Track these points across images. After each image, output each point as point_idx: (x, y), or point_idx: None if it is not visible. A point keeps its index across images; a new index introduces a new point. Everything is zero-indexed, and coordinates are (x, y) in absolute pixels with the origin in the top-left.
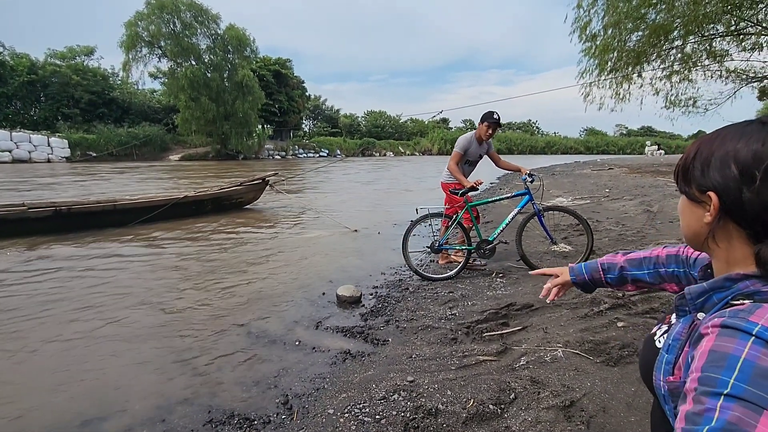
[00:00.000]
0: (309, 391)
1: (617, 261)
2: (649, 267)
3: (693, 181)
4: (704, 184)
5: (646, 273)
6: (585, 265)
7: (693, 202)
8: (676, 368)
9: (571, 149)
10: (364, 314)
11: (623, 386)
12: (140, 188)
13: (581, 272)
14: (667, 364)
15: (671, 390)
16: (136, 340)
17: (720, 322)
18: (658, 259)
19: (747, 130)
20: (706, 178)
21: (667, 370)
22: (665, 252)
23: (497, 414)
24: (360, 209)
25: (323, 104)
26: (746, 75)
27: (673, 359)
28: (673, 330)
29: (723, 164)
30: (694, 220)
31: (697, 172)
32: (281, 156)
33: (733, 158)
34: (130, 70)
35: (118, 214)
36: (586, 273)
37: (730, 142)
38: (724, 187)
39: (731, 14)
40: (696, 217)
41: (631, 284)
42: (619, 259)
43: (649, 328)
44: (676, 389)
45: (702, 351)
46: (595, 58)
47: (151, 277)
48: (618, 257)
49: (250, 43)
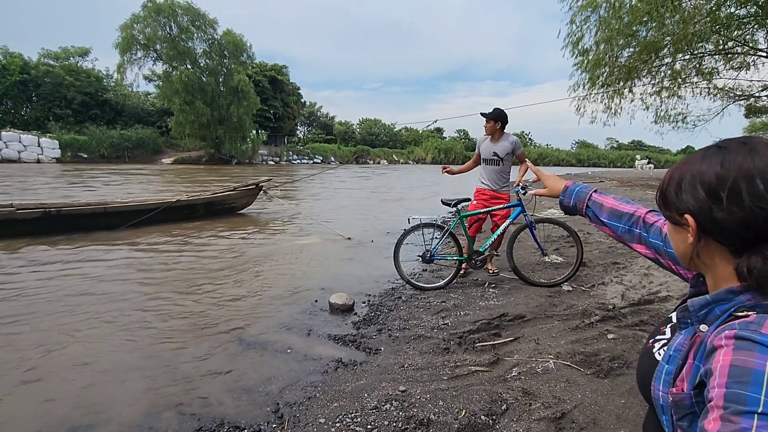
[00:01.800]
0: (300, 399)
1: (604, 204)
2: (628, 223)
3: (671, 205)
4: (680, 207)
5: (620, 226)
6: (578, 191)
7: (675, 226)
8: (678, 379)
9: (563, 161)
10: (356, 322)
11: (613, 398)
12: (132, 191)
13: (571, 196)
14: (668, 374)
15: (675, 402)
16: (124, 347)
17: (734, 334)
18: (638, 220)
19: (707, 154)
20: (681, 202)
21: (668, 380)
22: (648, 217)
23: (489, 425)
24: (353, 217)
25: (318, 111)
26: (734, 93)
27: (674, 370)
28: (674, 341)
29: (692, 187)
30: (679, 241)
31: (672, 196)
32: (275, 161)
33: (699, 181)
34: (125, 72)
35: (109, 217)
36: (574, 199)
37: (695, 165)
38: (698, 209)
39: (719, 34)
40: (681, 238)
41: (607, 228)
42: (607, 205)
43: (638, 340)
44: (681, 401)
45: (722, 365)
46: (587, 73)
47: (140, 283)
48: (608, 201)
49: (247, 48)
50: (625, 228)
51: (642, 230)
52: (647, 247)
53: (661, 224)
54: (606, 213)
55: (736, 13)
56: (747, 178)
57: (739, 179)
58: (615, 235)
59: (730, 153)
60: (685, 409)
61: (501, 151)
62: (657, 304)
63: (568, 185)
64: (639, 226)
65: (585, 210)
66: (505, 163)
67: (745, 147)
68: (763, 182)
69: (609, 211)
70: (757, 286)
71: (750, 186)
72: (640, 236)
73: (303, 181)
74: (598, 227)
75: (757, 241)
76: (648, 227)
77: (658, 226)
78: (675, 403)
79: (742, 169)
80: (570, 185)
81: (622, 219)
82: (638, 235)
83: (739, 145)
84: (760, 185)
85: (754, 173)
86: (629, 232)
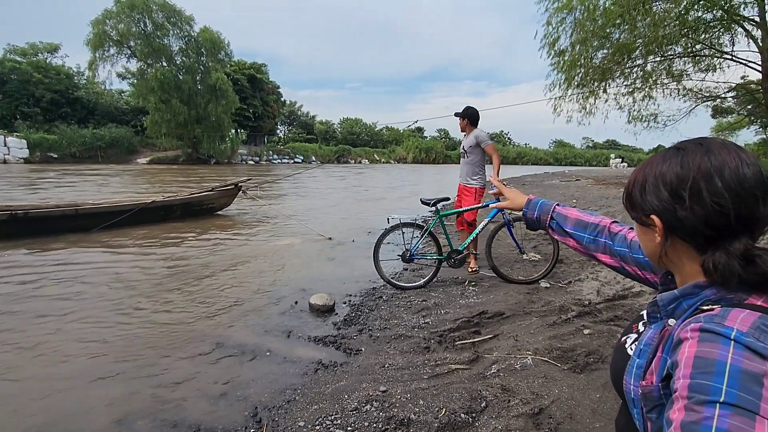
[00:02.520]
0: (279, 403)
1: (569, 216)
2: (593, 233)
3: (637, 206)
4: (646, 208)
5: (585, 236)
6: (542, 204)
7: (643, 226)
8: (648, 373)
9: (541, 160)
10: (336, 323)
11: (589, 393)
12: (105, 192)
13: (534, 209)
14: (639, 368)
15: (644, 394)
16: (97, 352)
17: (699, 327)
18: (603, 229)
19: (668, 155)
20: (646, 203)
21: (638, 374)
22: (612, 227)
23: (468, 423)
24: (334, 217)
25: (299, 110)
26: (701, 94)
27: (645, 363)
28: (644, 335)
29: (655, 188)
30: (648, 242)
31: (637, 198)
32: (255, 161)
33: (662, 182)
34: (97, 69)
35: (81, 219)
36: (538, 211)
37: (657, 167)
38: (662, 209)
39: (688, 37)
40: (648, 239)
41: (571, 239)
42: (571, 216)
43: (613, 335)
44: (650, 393)
45: (686, 357)
46: (563, 73)
47: (114, 286)
48: (572, 213)
49: (225, 46)
50: (590, 238)
51: (607, 239)
52: (612, 256)
53: (625, 233)
54: (571, 224)
55: (703, 17)
56: (706, 177)
57: (698, 179)
58: (578, 245)
59: (688, 154)
60: (654, 401)
61: (467, 144)
62: (631, 299)
63: (531, 198)
64: (604, 235)
65: (549, 222)
66: (470, 156)
67: (701, 147)
68: (720, 180)
69: (574, 221)
70: (722, 281)
71: (709, 184)
72: (605, 245)
73: (283, 181)
74: (561, 239)
75: (719, 237)
76: (613, 236)
77: (622, 234)
78: (644, 395)
79: (700, 169)
80: (533, 198)
81: (587, 229)
82: (603, 244)
83: (696, 146)
84: (718, 183)
85: (711, 172)
86: (594, 242)
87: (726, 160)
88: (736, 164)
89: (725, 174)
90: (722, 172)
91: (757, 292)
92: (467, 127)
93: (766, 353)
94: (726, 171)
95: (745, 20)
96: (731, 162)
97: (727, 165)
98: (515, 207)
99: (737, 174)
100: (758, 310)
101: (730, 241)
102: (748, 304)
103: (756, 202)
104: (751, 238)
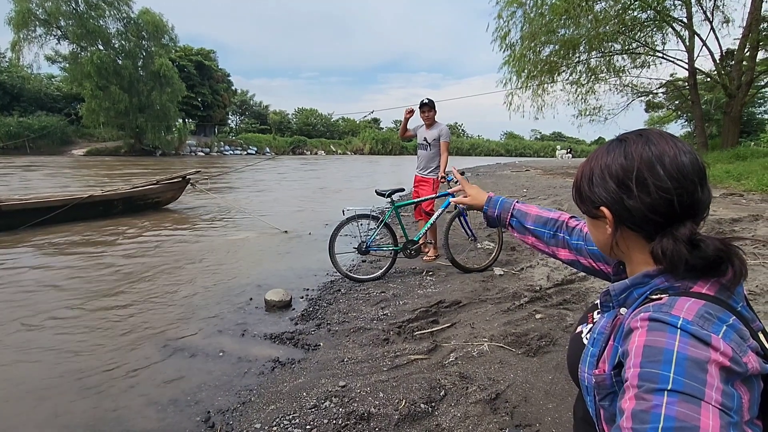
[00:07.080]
0: (234, 405)
1: (529, 212)
2: (552, 228)
3: (586, 199)
4: (595, 200)
5: (545, 231)
6: (502, 201)
7: (593, 219)
8: (601, 361)
9: (493, 151)
10: (294, 319)
11: (542, 375)
12: (35, 186)
13: (495, 207)
14: (592, 357)
15: (597, 383)
16: (30, 361)
17: (647, 316)
18: (562, 224)
19: (611, 147)
20: (595, 195)
21: (592, 363)
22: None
23: (428, 413)
24: (290, 209)
25: (251, 100)
26: (637, 89)
27: (598, 352)
28: (597, 325)
29: (602, 180)
30: (599, 234)
31: (586, 191)
32: (205, 153)
33: (608, 174)
34: (21, 51)
35: (5, 217)
36: (499, 208)
37: (602, 159)
38: (611, 200)
39: (625, 35)
40: (599, 231)
41: (530, 236)
42: (531, 213)
43: (563, 318)
44: (602, 381)
45: (636, 346)
46: (513, 67)
47: (45, 289)
48: (532, 209)
49: (168, 30)
50: (550, 233)
51: (565, 233)
52: (569, 250)
53: (581, 226)
54: (531, 220)
55: (639, 17)
56: (648, 166)
57: (642, 168)
58: (538, 242)
59: (630, 144)
60: (606, 389)
61: (430, 137)
62: (578, 283)
63: (491, 196)
64: (563, 230)
65: (510, 219)
66: (432, 148)
67: (641, 138)
68: (662, 167)
69: (534, 218)
70: (671, 267)
71: (652, 173)
72: (563, 239)
73: (236, 173)
74: (520, 236)
75: (666, 224)
76: (570, 230)
77: (578, 228)
78: (597, 383)
79: (642, 158)
80: (493, 196)
81: (547, 225)
82: (562, 239)
83: (637, 136)
84: (660, 171)
85: (653, 161)
86: (554, 237)
87: (665, 149)
88: (674, 152)
89: (666, 162)
90: (662, 160)
91: (703, 279)
92: (433, 119)
93: (709, 340)
94: (666, 159)
95: (675, 21)
96: (669, 151)
97: (667, 153)
98: (476, 202)
99: (676, 162)
100: (703, 298)
101: (676, 227)
102: (693, 292)
103: (695, 188)
104: (694, 222)
